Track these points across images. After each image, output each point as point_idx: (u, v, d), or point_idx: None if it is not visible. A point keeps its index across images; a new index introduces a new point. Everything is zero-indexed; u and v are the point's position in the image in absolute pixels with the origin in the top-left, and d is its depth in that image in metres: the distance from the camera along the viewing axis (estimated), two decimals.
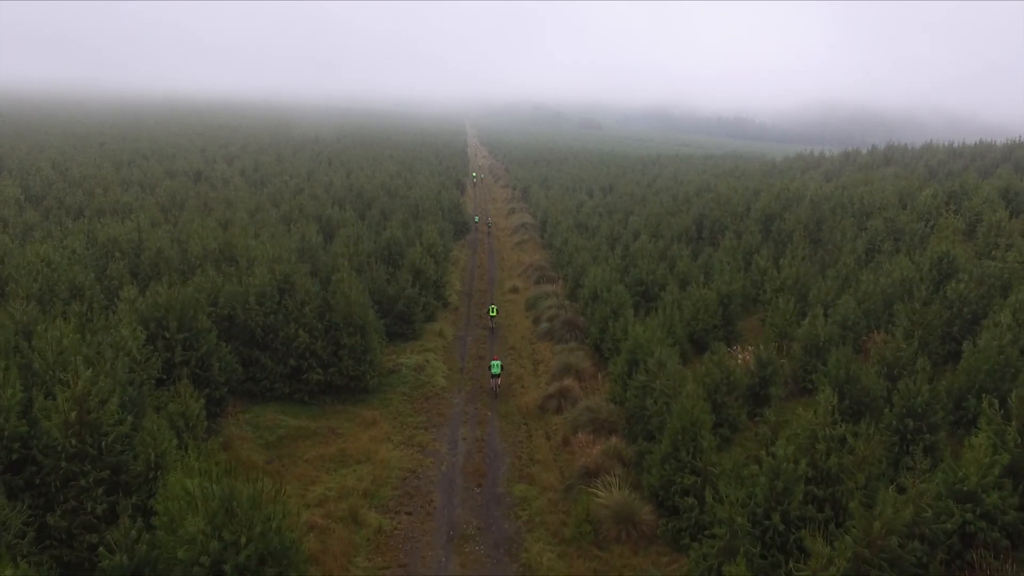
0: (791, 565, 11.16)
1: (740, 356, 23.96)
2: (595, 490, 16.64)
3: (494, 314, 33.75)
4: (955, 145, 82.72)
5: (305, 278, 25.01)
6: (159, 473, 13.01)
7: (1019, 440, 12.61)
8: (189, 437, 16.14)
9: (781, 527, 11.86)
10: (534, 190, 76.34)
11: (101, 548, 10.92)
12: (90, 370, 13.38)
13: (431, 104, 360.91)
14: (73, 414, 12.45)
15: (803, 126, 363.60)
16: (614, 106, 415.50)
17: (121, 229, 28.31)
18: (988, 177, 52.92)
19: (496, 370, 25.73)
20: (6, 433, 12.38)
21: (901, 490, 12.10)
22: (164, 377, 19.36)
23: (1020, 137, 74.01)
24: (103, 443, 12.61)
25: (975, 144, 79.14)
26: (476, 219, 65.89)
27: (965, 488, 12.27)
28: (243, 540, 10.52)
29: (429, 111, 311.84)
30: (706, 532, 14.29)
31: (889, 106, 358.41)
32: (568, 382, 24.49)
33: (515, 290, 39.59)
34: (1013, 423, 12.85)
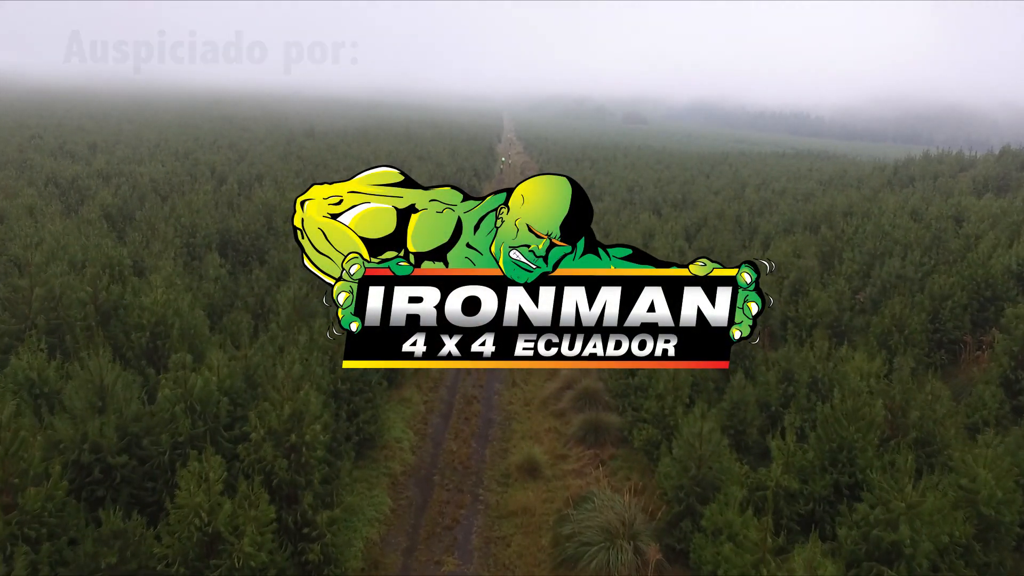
0: None
1: None
2: None
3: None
4: None
5: None
6: None
7: None
8: None
9: None
10: None
11: None
12: None
13: (471, 98, 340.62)
14: None
15: (865, 122, 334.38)
16: (660, 100, 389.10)
17: None
18: None
19: None
20: None
21: None
22: None
23: None
24: None
25: None
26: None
27: None
28: None
29: (467, 105, 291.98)
30: None
31: (960, 102, 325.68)
32: None
33: (531, 470, 15.23)
34: None
